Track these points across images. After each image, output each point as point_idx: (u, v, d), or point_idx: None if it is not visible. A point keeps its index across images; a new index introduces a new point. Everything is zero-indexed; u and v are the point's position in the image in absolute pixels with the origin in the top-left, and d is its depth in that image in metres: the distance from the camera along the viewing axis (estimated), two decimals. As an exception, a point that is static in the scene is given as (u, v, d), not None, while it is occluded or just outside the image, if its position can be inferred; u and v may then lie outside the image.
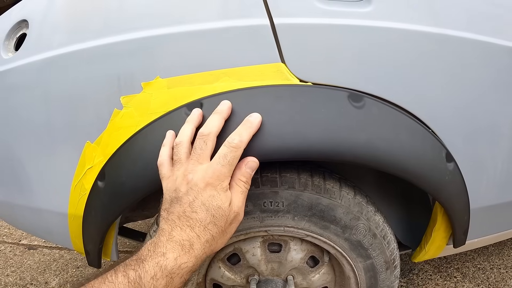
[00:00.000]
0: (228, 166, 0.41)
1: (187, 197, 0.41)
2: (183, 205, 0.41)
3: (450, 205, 0.57)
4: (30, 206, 0.67)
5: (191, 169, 0.42)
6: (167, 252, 0.39)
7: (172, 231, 0.40)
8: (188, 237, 0.40)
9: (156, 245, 0.39)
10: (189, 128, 0.44)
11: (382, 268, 0.64)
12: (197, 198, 0.41)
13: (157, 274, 0.37)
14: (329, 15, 0.49)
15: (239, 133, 0.42)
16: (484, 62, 0.54)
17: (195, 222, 0.40)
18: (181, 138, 0.44)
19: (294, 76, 0.48)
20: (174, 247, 0.39)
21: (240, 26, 0.48)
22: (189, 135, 0.44)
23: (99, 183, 0.55)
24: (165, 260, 0.38)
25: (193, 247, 0.40)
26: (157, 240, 0.40)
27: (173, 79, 0.50)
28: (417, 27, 0.51)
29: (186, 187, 0.41)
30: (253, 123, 0.43)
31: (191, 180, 0.41)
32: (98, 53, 0.53)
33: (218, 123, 0.43)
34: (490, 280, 1.04)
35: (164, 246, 0.39)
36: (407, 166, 0.50)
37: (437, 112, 0.54)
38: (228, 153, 0.41)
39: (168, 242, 0.39)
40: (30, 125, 0.60)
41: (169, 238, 0.40)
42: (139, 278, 0.36)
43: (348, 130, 0.46)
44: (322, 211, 0.55)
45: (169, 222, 0.41)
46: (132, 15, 0.52)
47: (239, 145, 0.42)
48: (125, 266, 0.38)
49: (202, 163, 0.42)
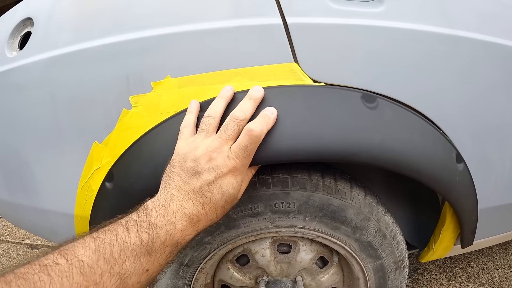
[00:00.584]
0: (249, 158, 0.42)
1: (207, 175, 0.40)
2: (201, 181, 0.41)
3: (460, 205, 0.57)
4: (35, 206, 0.66)
5: (217, 147, 0.41)
6: (177, 222, 0.39)
7: (184, 203, 0.40)
8: (198, 213, 0.40)
9: (166, 210, 0.39)
10: (221, 104, 0.45)
11: (391, 269, 0.64)
12: (217, 181, 0.41)
13: (166, 241, 0.38)
14: (341, 15, 0.49)
15: (260, 125, 0.42)
16: (495, 63, 0.54)
17: (208, 202, 0.41)
18: (214, 111, 0.44)
19: (307, 76, 0.48)
20: (183, 219, 0.39)
21: (253, 25, 0.48)
22: (221, 111, 0.44)
23: (107, 184, 0.54)
24: (174, 230, 0.39)
25: (199, 222, 0.41)
26: (166, 204, 0.40)
27: (184, 79, 0.49)
28: (428, 28, 0.51)
29: (208, 164, 0.41)
30: (271, 117, 0.43)
31: (214, 159, 0.41)
32: (107, 52, 0.52)
33: (251, 110, 0.44)
34: (494, 280, 1.04)
35: (175, 215, 0.39)
36: (419, 166, 0.50)
37: (447, 113, 0.54)
38: (248, 145, 0.41)
39: (179, 212, 0.39)
40: (35, 125, 0.59)
41: (181, 208, 0.40)
42: (151, 242, 0.37)
43: (362, 131, 0.46)
44: (333, 212, 0.54)
45: (182, 191, 0.41)
46: (142, 13, 0.52)
47: (259, 136, 0.42)
48: (137, 227, 0.37)
49: (229, 145, 0.42)
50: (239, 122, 0.42)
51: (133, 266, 0.35)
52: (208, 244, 0.57)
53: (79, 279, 0.31)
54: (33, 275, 0.29)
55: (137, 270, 0.35)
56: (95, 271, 0.32)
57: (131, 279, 0.35)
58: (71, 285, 0.30)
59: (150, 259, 0.37)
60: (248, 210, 0.54)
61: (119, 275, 0.34)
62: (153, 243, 0.37)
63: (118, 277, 0.34)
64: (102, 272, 0.33)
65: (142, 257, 0.36)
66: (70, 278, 0.31)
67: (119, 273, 0.34)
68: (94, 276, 0.32)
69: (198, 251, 0.58)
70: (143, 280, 0.36)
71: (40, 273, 0.30)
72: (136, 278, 0.35)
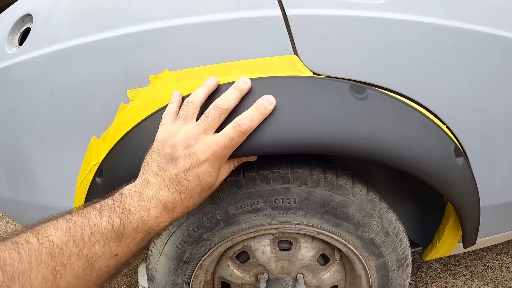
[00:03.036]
0: (231, 149, 0.41)
1: (183, 162, 0.40)
2: (178, 168, 0.40)
3: (460, 202, 0.56)
4: (36, 203, 0.66)
5: (195, 135, 0.41)
6: (151, 208, 0.39)
7: (160, 190, 0.40)
8: (174, 200, 0.40)
9: (141, 197, 0.39)
10: (203, 92, 0.44)
11: (394, 267, 0.62)
12: (193, 168, 0.40)
13: (138, 227, 0.38)
14: (342, 6, 0.48)
15: (251, 118, 0.41)
16: (500, 56, 0.53)
17: (184, 189, 0.40)
18: (194, 98, 0.43)
19: (307, 69, 0.47)
20: (158, 205, 0.39)
21: (252, 17, 0.47)
22: (201, 99, 0.44)
23: (97, 179, 0.54)
24: (148, 216, 0.38)
25: (174, 210, 0.40)
26: (142, 191, 0.39)
27: (182, 72, 0.48)
28: (431, 20, 0.49)
29: (185, 151, 0.40)
30: (267, 109, 0.42)
31: (191, 146, 0.40)
32: (105, 46, 0.52)
33: (235, 100, 0.43)
34: (499, 279, 1.03)
35: (149, 201, 0.39)
36: (413, 160, 0.48)
37: (451, 107, 0.52)
38: (234, 137, 0.41)
39: (154, 199, 0.39)
40: (35, 120, 0.59)
41: (155, 195, 0.39)
42: (122, 227, 0.37)
43: (350, 123, 0.45)
44: (335, 208, 0.53)
45: (158, 178, 0.40)
46: (140, 7, 0.51)
47: (248, 131, 0.41)
48: (111, 212, 0.37)
49: (207, 134, 0.41)
50: (221, 111, 0.41)
51: (102, 250, 0.35)
52: (207, 240, 0.56)
53: (47, 259, 0.31)
54: (3, 252, 0.30)
55: (105, 254, 0.36)
56: (64, 252, 0.33)
57: (99, 262, 0.35)
58: (39, 264, 0.31)
59: (120, 244, 0.37)
60: (247, 206, 0.53)
61: (87, 258, 0.34)
62: (124, 228, 0.37)
63: (86, 260, 0.34)
64: (71, 254, 0.33)
65: (112, 241, 0.36)
66: (39, 258, 0.31)
67: (87, 256, 0.34)
68: (62, 258, 0.32)
69: (197, 247, 0.57)
70: (111, 264, 0.36)
71: (11, 250, 0.30)
72: (104, 262, 0.36)
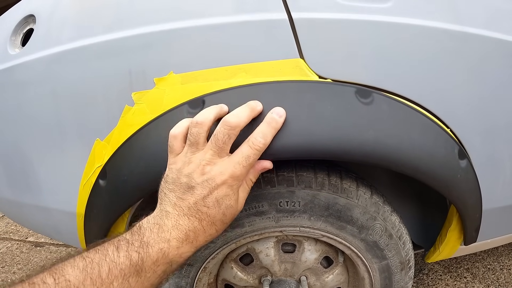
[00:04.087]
0: (248, 167, 0.40)
1: (201, 190, 0.39)
2: (196, 196, 0.39)
3: (462, 203, 0.56)
4: (38, 205, 0.66)
5: (209, 160, 0.39)
6: (171, 239, 0.38)
7: (179, 219, 0.39)
8: (195, 229, 0.39)
9: (160, 228, 0.38)
10: (213, 111, 0.42)
11: (397, 269, 0.63)
12: (212, 194, 0.39)
13: (159, 260, 0.37)
14: (348, 10, 0.48)
15: (264, 135, 0.40)
16: (504, 60, 0.53)
17: (204, 216, 0.39)
18: (203, 118, 0.41)
19: (313, 72, 0.47)
20: (179, 236, 0.38)
21: (258, 20, 0.47)
22: (211, 119, 0.41)
23: (101, 181, 0.54)
24: (168, 248, 0.37)
25: (197, 238, 0.39)
26: (161, 222, 0.38)
27: (187, 75, 0.48)
28: (437, 24, 0.49)
29: (201, 178, 0.39)
30: (278, 122, 0.41)
31: (207, 172, 0.39)
32: (109, 48, 0.51)
33: (246, 118, 0.41)
34: (500, 281, 1.03)
35: (169, 232, 0.38)
36: (417, 163, 0.48)
37: (456, 110, 0.52)
38: (251, 156, 0.40)
39: (174, 229, 0.38)
40: (38, 122, 0.59)
41: (176, 225, 0.38)
42: (141, 261, 0.36)
43: (355, 127, 0.45)
44: (339, 211, 0.53)
45: (177, 207, 0.39)
46: (145, 9, 0.51)
47: (263, 148, 0.40)
48: (128, 246, 0.36)
49: (221, 157, 0.40)
50: (230, 130, 0.39)
51: (121, 286, 0.34)
52: (212, 243, 0.56)
53: None
54: None
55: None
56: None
57: None
58: None
59: (139, 279, 0.36)
60: (252, 209, 0.53)
61: None
62: (143, 262, 0.36)
63: None
64: None
65: (131, 277, 0.35)
66: None
67: None
68: None
69: (201, 250, 0.57)
70: None
71: None
72: None
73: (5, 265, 1.25)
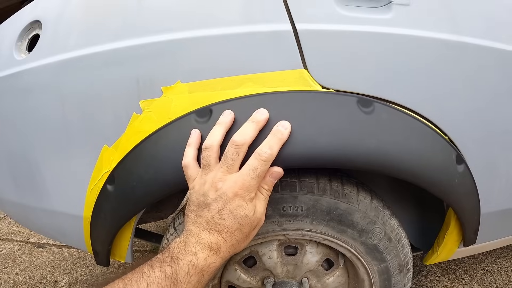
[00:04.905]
0: (257, 178, 0.42)
1: (216, 205, 0.42)
2: (212, 211, 0.42)
3: (460, 206, 0.58)
4: (45, 208, 0.67)
5: (220, 177, 0.43)
6: (197, 252, 0.41)
7: (201, 234, 0.42)
8: (216, 240, 0.42)
9: (186, 244, 0.42)
10: (219, 132, 0.45)
11: (396, 271, 0.64)
12: (226, 207, 0.42)
13: (190, 271, 0.40)
14: (350, 21, 0.49)
15: (270, 146, 0.42)
16: (501, 69, 0.55)
17: (223, 228, 0.42)
18: (211, 142, 0.44)
19: (316, 83, 0.48)
20: (203, 248, 0.42)
21: (263, 31, 0.48)
22: (219, 140, 0.44)
23: (109, 186, 0.55)
24: (196, 259, 0.41)
25: (220, 249, 0.43)
26: (186, 239, 0.42)
27: (194, 84, 0.49)
28: (436, 35, 0.51)
29: (215, 194, 0.42)
30: (284, 134, 0.43)
31: (220, 188, 0.42)
32: (117, 56, 0.52)
33: (252, 134, 0.43)
34: (497, 283, 1.05)
35: (194, 246, 0.41)
36: (416, 170, 0.50)
37: (455, 119, 0.54)
38: (258, 167, 0.42)
39: (197, 243, 0.42)
40: (46, 127, 0.60)
41: (198, 239, 0.42)
42: (175, 273, 0.39)
43: (357, 136, 0.46)
44: (340, 216, 0.55)
45: (197, 224, 0.43)
46: (152, 18, 0.52)
47: (270, 158, 0.42)
48: (161, 262, 0.40)
49: (231, 173, 0.43)
50: (238, 148, 0.42)
51: None
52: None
53: None
54: None
55: None
56: None
57: None
58: None
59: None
60: (256, 213, 0.54)
61: None
62: (176, 274, 0.39)
63: None
64: None
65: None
66: None
67: None
68: None
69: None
70: None
71: None
72: None
73: (7, 266, 1.26)
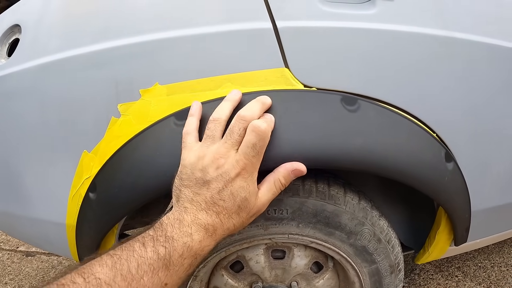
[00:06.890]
0: (258, 156, 0.40)
1: (216, 184, 0.40)
2: (211, 190, 0.40)
3: (450, 204, 0.57)
4: (29, 216, 0.66)
5: (224, 153, 0.40)
6: (193, 233, 0.39)
7: (198, 214, 0.40)
8: (213, 222, 0.40)
9: (181, 223, 0.39)
10: (228, 107, 0.43)
11: (387, 272, 0.63)
12: (227, 187, 0.40)
13: (184, 254, 0.38)
14: (333, 18, 0.48)
15: (266, 122, 0.41)
16: (490, 64, 0.54)
17: (221, 210, 0.40)
18: (220, 115, 0.42)
19: (298, 82, 0.47)
20: (199, 229, 0.39)
21: (243, 29, 0.47)
22: (227, 114, 0.43)
23: (91, 194, 0.54)
24: (192, 241, 0.38)
25: (216, 232, 0.40)
26: (181, 217, 0.39)
27: (173, 86, 0.48)
28: (423, 30, 0.50)
29: (216, 172, 0.40)
30: (272, 120, 0.42)
31: (222, 165, 0.40)
32: (95, 59, 0.51)
33: (259, 111, 0.42)
34: (491, 279, 1.04)
35: (190, 226, 0.39)
36: (404, 168, 0.49)
37: (443, 116, 0.53)
38: (257, 142, 0.40)
39: (194, 224, 0.39)
40: (27, 133, 0.59)
41: (194, 219, 0.39)
42: (168, 255, 0.37)
43: (341, 135, 0.45)
44: (327, 218, 0.54)
45: (194, 203, 0.40)
46: (131, 19, 0.51)
47: (267, 133, 0.41)
48: (154, 241, 0.37)
49: (235, 149, 0.41)
50: (245, 123, 0.40)
51: (151, 281, 0.35)
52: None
53: None
54: None
55: (155, 285, 0.35)
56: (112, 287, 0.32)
57: None
58: None
59: (168, 272, 0.36)
60: (241, 217, 0.53)
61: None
62: (170, 256, 0.37)
63: None
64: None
65: (160, 271, 0.36)
66: None
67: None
68: None
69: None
70: None
71: None
72: None
73: None
